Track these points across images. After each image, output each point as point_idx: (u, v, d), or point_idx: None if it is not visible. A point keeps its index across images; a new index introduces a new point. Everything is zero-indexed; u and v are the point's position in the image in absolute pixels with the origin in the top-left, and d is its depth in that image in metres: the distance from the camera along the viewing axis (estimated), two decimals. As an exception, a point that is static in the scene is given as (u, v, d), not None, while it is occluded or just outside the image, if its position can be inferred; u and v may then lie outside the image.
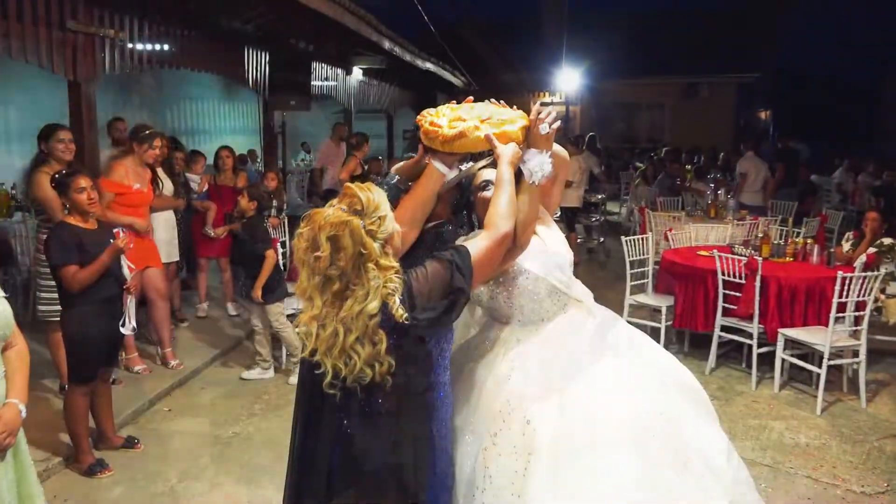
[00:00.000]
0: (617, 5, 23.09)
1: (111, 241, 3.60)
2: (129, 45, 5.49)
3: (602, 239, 10.62)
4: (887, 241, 5.34)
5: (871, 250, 5.35)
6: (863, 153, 16.19)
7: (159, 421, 4.53)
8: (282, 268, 5.22)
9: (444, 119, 2.15)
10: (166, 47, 6.05)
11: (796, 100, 26.74)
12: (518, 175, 2.16)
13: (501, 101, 2.27)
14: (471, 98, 2.28)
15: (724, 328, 5.34)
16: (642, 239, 6.26)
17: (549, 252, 2.35)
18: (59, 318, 3.77)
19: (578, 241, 9.79)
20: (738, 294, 5.17)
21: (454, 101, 2.28)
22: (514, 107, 2.23)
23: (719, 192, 8.85)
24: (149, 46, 5.79)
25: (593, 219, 10.66)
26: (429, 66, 11.93)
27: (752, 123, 23.50)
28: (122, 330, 3.77)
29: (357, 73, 11.18)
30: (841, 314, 4.73)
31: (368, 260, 1.79)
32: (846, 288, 4.66)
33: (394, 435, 1.91)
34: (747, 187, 9.38)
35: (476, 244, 1.98)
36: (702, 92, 20.10)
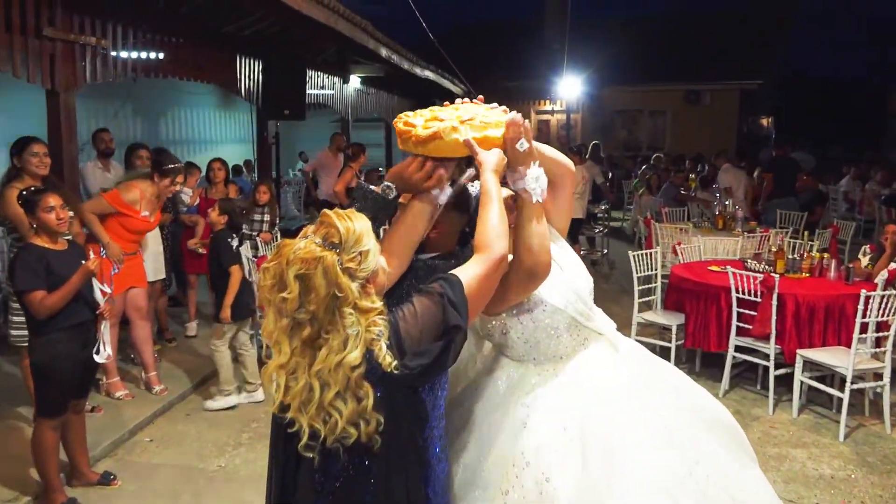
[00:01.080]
0: (618, 11, 22.99)
1: (82, 262, 3.34)
2: (113, 53, 5.24)
3: (606, 251, 10.35)
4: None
5: (893, 266, 5.09)
6: (870, 160, 15.97)
7: (139, 453, 4.25)
8: (253, 288, 4.95)
9: (419, 119, 1.87)
10: (153, 55, 5.80)
11: (800, 106, 26.51)
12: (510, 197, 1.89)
13: (491, 103, 1.99)
14: (448, 103, 2.00)
15: (738, 348, 5.06)
16: (649, 254, 6.00)
17: (567, 279, 2.08)
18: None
19: (582, 252, 9.53)
20: (753, 313, 4.89)
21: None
22: (505, 109, 1.91)
23: (727, 202, 8.58)
24: (134, 54, 5.54)
25: (597, 230, 10.39)
26: (428, 74, 11.70)
27: (755, 130, 23.29)
28: (95, 358, 3.50)
29: (355, 81, 10.96)
30: (863, 334, 4.46)
31: (344, 304, 1.51)
32: (869, 307, 4.40)
33: (383, 499, 1.64)
34: (736, 199, 9.46)
35: (468, 271, 1.69)
36: (704, 99, 19.90)
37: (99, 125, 6.96)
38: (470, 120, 1.83)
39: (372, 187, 1.87)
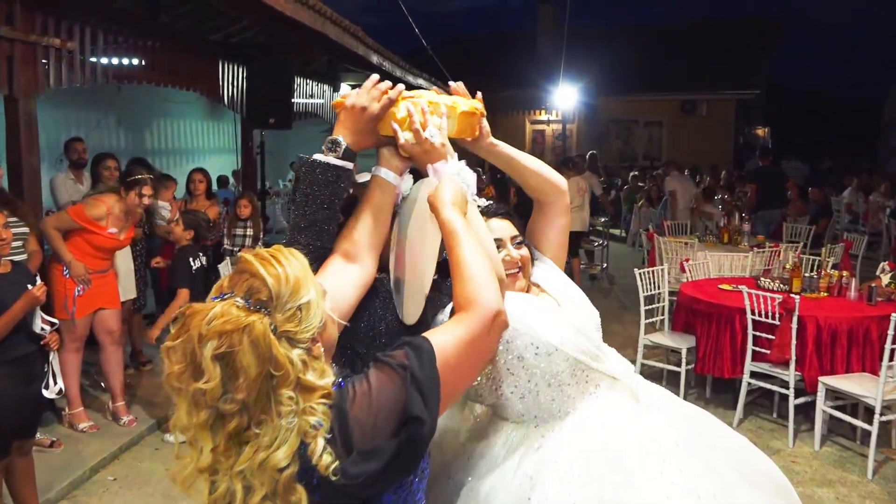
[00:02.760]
0: (614, 22, 22.88)
1: (28, 287, 2.96)
2: (81, 57, 4.87)
3: (605, 265, 9.99)
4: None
5: (918, 285, 4.75)
6: (869, 170, 15.74)
7: (100, 495, 3.84)
8: None
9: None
10: (126, 60, 5.44)
11: (796, 116, 26.37)
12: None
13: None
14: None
15: (752, 374, 4.70)
16: (653, 271, 5.63)
17: (564, 312, 1.72)
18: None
19: (582, 266, 9.17)
20: (770, 336, 4.53)
21: None
22: (480, 97, 1.68)
23: (733, 216, 8.26)
24: (105, 59, 5.18)
25: (596, 243, 10.03)
26: (421, 81, 11.39)
27: (751, 141, 23.11)
28: (45, 393, 3.12)
29: (345, 89, 10.62)
30: (891, 361, 4.11)
31: (283, 383, 1.09)
32: (897, 331, 4.04)
33: None
34: (678, 205, 9.99)
35: (445, 335, 1.23)
36: (700, 109, 19.71)
37: (80, 135, 6.59)
38: (410, 98, 1.56)
39: (316, 156, 1.51)
